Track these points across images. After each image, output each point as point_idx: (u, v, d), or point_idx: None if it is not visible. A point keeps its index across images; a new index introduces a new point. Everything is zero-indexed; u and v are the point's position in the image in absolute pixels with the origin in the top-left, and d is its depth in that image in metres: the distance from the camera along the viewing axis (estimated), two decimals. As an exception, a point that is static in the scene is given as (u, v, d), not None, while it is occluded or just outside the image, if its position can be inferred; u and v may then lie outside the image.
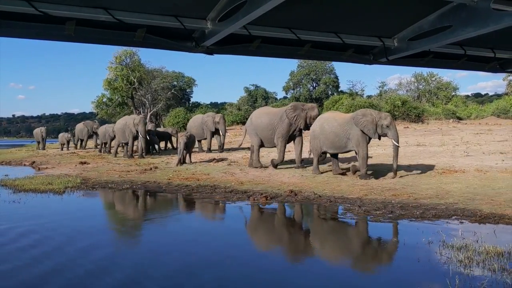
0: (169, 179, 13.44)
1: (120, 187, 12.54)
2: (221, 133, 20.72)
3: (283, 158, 14.56)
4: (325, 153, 13.28)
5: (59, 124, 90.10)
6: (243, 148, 20.56)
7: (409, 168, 13.25)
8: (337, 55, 3.36)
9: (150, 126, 22.98)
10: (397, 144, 11.88)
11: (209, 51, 3.00)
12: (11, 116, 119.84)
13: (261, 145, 15.05)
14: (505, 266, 5.23)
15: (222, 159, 17.63)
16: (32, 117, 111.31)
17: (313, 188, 11.40)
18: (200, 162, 17.44)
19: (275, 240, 7.84)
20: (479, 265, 5.36)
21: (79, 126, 30.29)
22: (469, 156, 14.93)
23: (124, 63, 45.78)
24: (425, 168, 13.10)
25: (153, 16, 2.62)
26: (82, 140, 29.99)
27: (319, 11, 2.87)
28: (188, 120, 41.31)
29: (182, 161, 16.65)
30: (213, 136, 21.32)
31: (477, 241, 6.36)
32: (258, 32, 2.90)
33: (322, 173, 13.32)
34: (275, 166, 14.58)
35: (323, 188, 11.39)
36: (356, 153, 12.41)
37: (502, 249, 5.84)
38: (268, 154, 17.69)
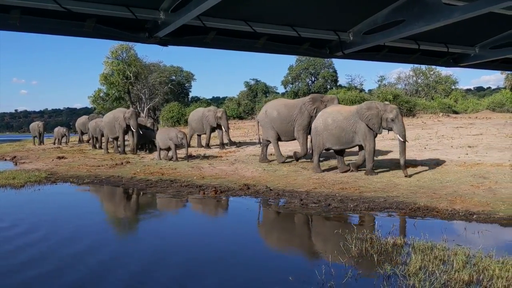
0: (134, 174, 13.63)
1: (81, 182, 12.76)
2: (223, 129, 19.69)
3: (307, 151, 13.97)
4: (328, 149, 12.55)
5: (61, 119, 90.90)
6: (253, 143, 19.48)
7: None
8: (294, 48, 3.40)
9: (149, 123, 21.61)
10: (401, 139, 11.06)
11: (163, 42, 2.98)
12: (13, 111, 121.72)
13: (278, 139, 14.53)
14: (394, 258, 5.34)
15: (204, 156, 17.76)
16: (34, 112, 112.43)
17: (269, 182, 11.55)
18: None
19: (185, 228, 8.13)
20: (369, 257, 5.47)
21: (81, 120, 28.94)
22: (436, 150, 14.95)
23: (120, 57, 46.14)
24: (388, 162, 13.20)
25: (102, 6, 2.57)
26: (85, 134, 28.49)
27: (274, 3, 2.90)
28: (182, 115, 41.75)
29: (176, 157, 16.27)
30: (213, 131, 20.42)
31: (389, 233, 6.46)
32: (213, 24, 2.88)
33: (288, 167, 13.41)
34: (298, 159, 14.31)
35: (279, 182, 11.53)
36: (363, 147, 11.71)
37: (401, 241, 5.97)
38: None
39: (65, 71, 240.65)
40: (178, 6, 2.62)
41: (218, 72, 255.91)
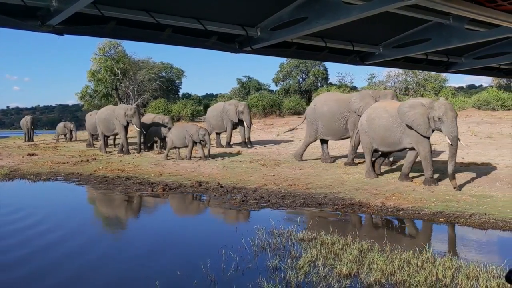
0: (95, 171, 13.69)
1: (37, 179, 12.81)
2: (245, 125, 17.43)
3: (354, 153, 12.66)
4: (377, 151, 10.99)
5: (53, 116, 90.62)
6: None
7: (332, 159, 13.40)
8: (201, 41, 3.38)
9: (167, 119, 19.22)
10: (450, 142, 9.19)
11: (58, 31, 2.86)
12: (5, 108, 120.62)
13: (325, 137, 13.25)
14: (291, 252, 5.44)
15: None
16: (26, 108, 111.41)
17: (224, 179, 11.61)
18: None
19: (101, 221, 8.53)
20: (267, 251, 5.55)
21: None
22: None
23: (108, 54, 46.22)
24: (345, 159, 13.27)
25: None
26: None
27: None
28: (168, 111, 41.82)
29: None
30: (235, 128, 18.15)
31: (305, 228, 6.56)
32: (112, 13, 2.82)
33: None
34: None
35: (234, 179, 11.60)
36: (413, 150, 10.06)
37: (310, 236, 6.07)
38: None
39: (57, 68, 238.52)
40: None
41: (210, 69, 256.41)
